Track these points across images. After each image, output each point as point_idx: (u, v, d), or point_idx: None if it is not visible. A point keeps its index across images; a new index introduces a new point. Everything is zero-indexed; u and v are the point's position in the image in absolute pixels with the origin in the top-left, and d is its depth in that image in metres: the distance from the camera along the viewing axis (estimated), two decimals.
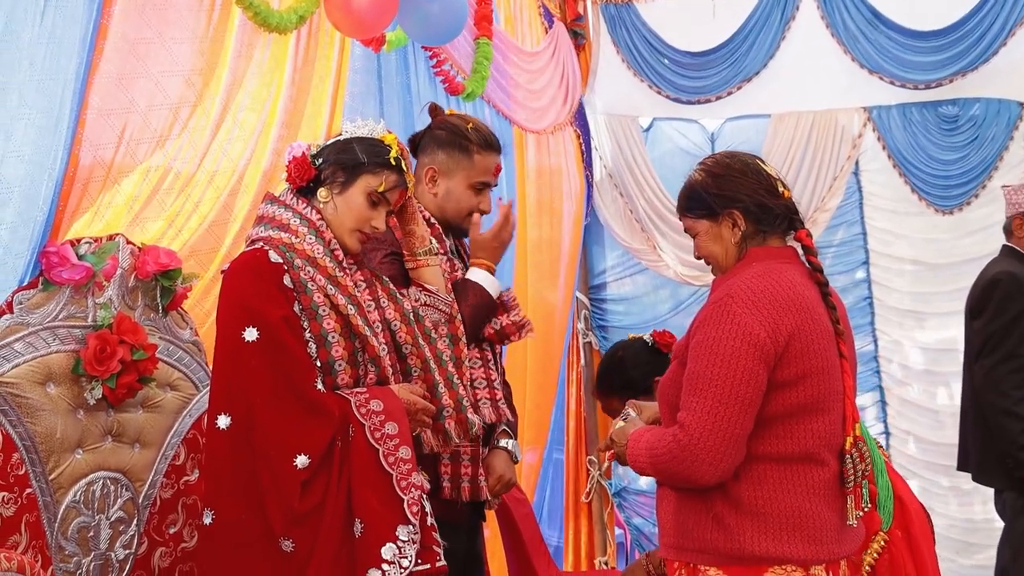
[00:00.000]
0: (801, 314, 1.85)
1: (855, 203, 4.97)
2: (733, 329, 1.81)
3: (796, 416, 1.84)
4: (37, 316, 2.03)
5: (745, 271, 1.91)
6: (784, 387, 1.83)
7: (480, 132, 2.42)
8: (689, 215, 2.02)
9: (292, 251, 2.00)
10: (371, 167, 2.05)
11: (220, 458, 1.94)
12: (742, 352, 1.79)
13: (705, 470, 1.80)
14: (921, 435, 4.85)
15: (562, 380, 4.91)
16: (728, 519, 1.82)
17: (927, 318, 4.91)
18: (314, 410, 1.92)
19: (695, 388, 1.82)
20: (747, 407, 1.80)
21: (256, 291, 1.94)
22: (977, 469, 3.57)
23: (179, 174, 2.42)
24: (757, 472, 1.83)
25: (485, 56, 3.76)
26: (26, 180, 1.98)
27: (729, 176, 1.97)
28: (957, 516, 4.77)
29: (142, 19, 2.27)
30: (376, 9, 2.66)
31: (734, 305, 1.83)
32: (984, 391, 3.38)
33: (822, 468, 1.86)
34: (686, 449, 1.80)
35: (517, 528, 3.54)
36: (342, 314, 2.00)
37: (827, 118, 4.90)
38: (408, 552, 1.86)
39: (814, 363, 1.85)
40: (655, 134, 5.18)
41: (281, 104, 2.75)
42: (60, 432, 2.04)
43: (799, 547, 1.81)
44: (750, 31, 4.90)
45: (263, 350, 1.91)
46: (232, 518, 1.90)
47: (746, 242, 1.96)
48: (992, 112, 4.69)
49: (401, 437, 1.94)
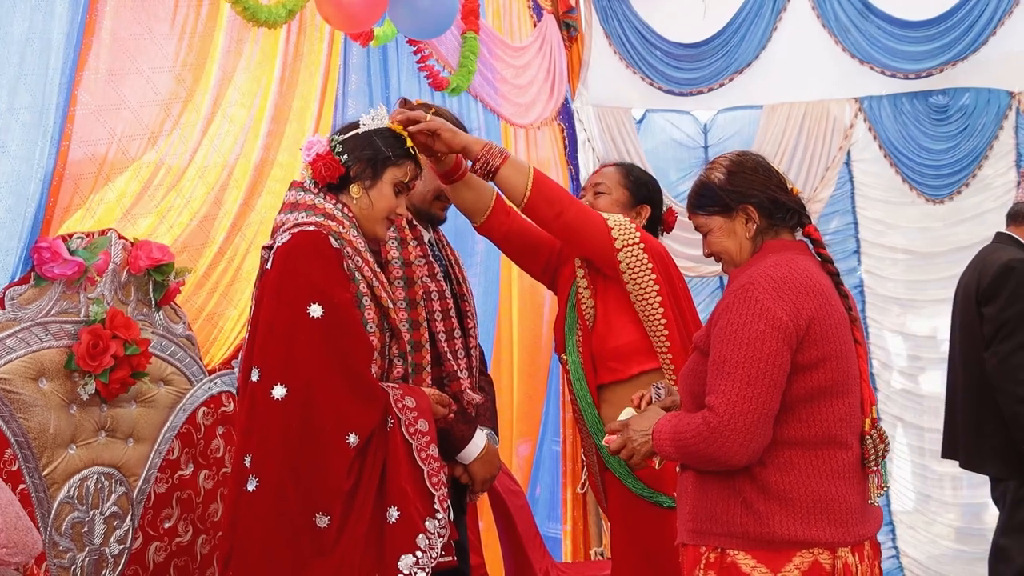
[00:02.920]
0: (819, 299, 1.91)
1: (847, 193, 4.99)
2: (756, 313, 1.86)
3: (818, 399, 1.89)
4: (29, 312, 2.03)
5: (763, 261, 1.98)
6: (806, 370, 1.88)
7: (442, 116, 2.44)
8: (701, 213, 2.08)
9: (342, 239, 2.04)
10: (396, 160, 2.12)
11: (272, 427, 1.93)
12: (766, 335, 1.84)
13: (736, 450, 1.84)
14: (911, 421, 4.88)
15: (557, 371, 4.92)
16: (757, 504, 1.86)
17: (918, 306, 4.93)
18: (368, 393, 1.97)
19: (722, 371, 1.87)
20: (774, 387, 1.85)
21: (324, 270, 1.98)
22: (968, 456, 3.56)
23: (170, 169, 2.43)
24: (783, 457, 1.88)
25: (471, 50, 3.75)
26: (14, 176, 1.98)
27: (742, 173, 2.05)
28: (951, 501, 4.80)
29: (131, 15, 2.27)
30: (367, 3, 2.66)
31: (755, 291, 1.89)
32: (999, 378, 3.30)
33: (845, 451, 1.91)
34: (716, 431, 1.84)
35: (512, 519, 3.56)
36: (382, 306, 2.06)
37: (819, 109, 4.91)
38: (436, 543, 1.96)
39: (833, 347, 1.90)
40: (648, 126, 5.19)
41: (271, 99, 2.76)
42: (53, 428, 2.04)
43: (826, 530, 1.85)
44: (742, 23, 4.91)
45: (328, 328, 1.94)
46: (277, 487, 1.92)
47: (760, 236, 2.03)
48: (982, 101, 4.70)
49: (431, 435, 2.03)
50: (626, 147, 5.08)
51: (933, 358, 4.85)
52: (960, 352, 3.58)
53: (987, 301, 3.40)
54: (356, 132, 2.13)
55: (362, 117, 2.17)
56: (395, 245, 2.31)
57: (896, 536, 4.94)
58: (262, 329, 1.99)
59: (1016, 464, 3.35)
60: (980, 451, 3.48)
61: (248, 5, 2.47)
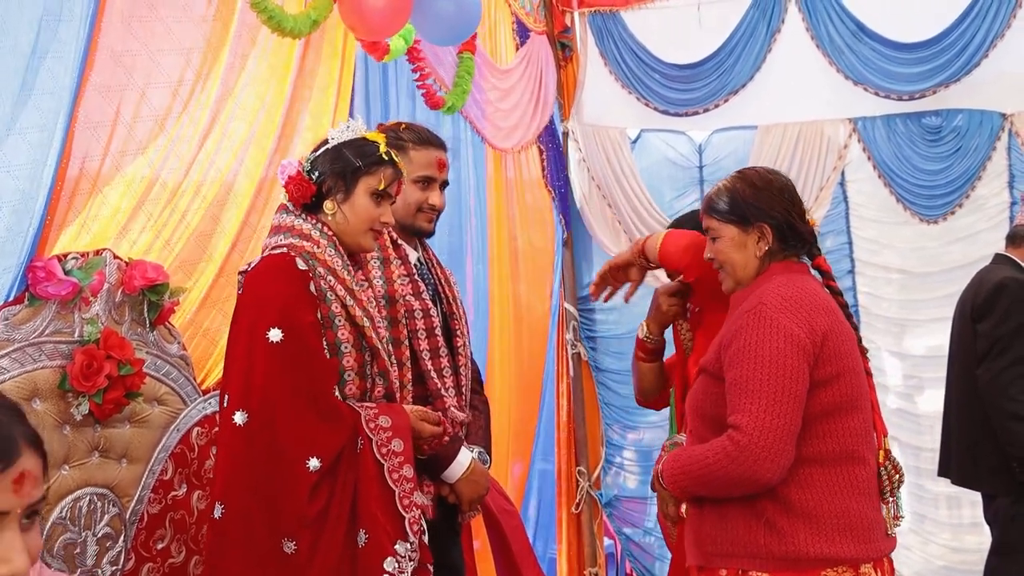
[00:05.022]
0: (830, 315, 1.93)
1: (841, 213, 5.00)
2: (773, 332, 1.86)
3: (835, 414, 1.89)
4: (23, 332, 2.02)
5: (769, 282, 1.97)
6: (822, 385, 1.88)
7: (413, 130, 2.49)
8: (717, 217, 2.06)
9: (315, 259, 2.03)
10: (367, 168, 2.09)
11: (234, 454, 1.95)
12: (786, 352, 1.84)
13: (766, 467, 1.82)
14: (907, 441, 4.88)
15: (551, 392, 4.91)
16: (780, 523, 1.84)
17: (913, 326, 4.93)
18: (330, 416, 1.95)
19: (745, 391, 1.85)
20: (798, 403, 1.85)
21: (285, 294, 1.97)
22: (962, 473, 3.57)
23: (165, 184, 2.42)
24: (804, 474, 1.87)
25: (467, 71, 3.76)
26: (17, 195, 1.97)
27: (769, 191, 2.05)
28: (945, 521, 4.79)
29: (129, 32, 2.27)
30: (390, 11, 2.66)
31: (769, 310, 1.88)
32: (991, 394, 3.33)
33: (863, 466, 1.91)
34: (746, 449, 1.82)
35: (506, 540, 3.54)
36: (357, 325, 2.04)
37: (813, 129, 4.93)
38: (406, 567, 1.92)
39: (846, 362, 1.91)
40: (643, 145, 5.20)
41: (281, 114, 2.75)
42: (46, 448, 2.02)
43: (850, 547, 1.85)
44: (736, 44, 4.93)
45: (287, 352, 1.93)
46: (242, 513, 1.92)
47: (768, 258, 2.01)
48: (975, 123, 4.72)
49: (405, 455, 2.00)
50: (621, 167, 5.09)
51: (929, 377, 4.85)
52: (955, 369, 3.60)
53: (981, 318, 3.43)
54: (325, 147, 2.12)
55: (330, 131, 2.16)
56: (377, 264, 2.30)
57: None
58: (227, 355, 2.02)
59: (1009, 481, 3.36)
60: (974, 468, 3.49)
61: (274, 14, 2.47)
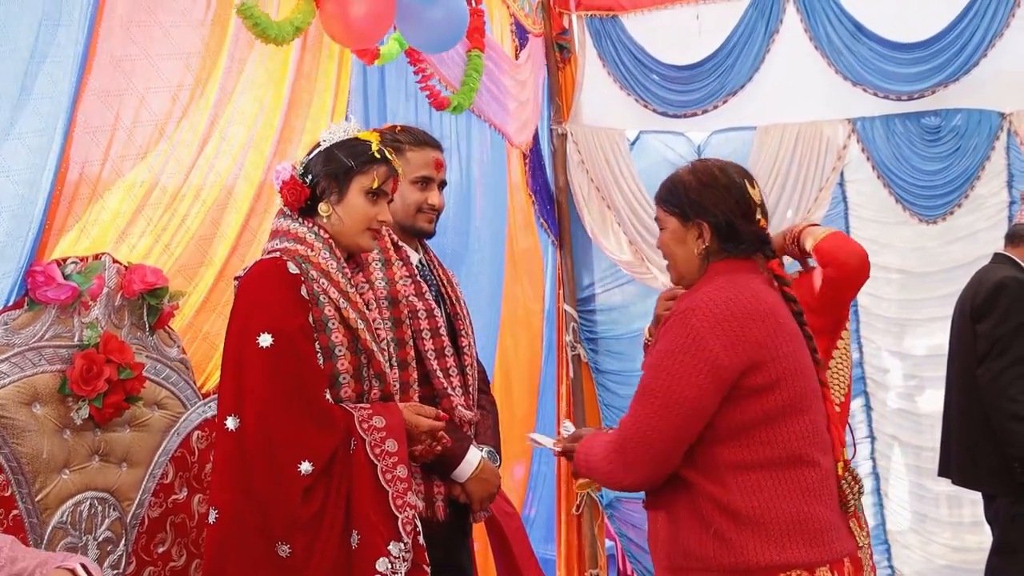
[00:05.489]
0: (766, 320, 1.87)
1: (840, 213, 5.00)
2: (690, 344, 1.83)
3: (777, 419, 1.85)
4: (23, 336, 2.02)
5: (707, 285, 1.93)
6: (761, 392, 1.84)
7: (409, 131, 2.49)
8: (663, 207, 2.04)
9: (308, 263, 2.03)
10: (360, 168, 2.09)
11: (227, 459, 1.96)
12: (693, 366, 1.81)
13: (624, 475, 1.87)
14: (907, 440, 4.88)
15: (552, 393, 4.91)
16: (729, 533, 1.82)
17: (913, 325, 4.93)
18: (321, 419, 1.95)
19: (641, 394, 1.87)
20: (689, 423, 1.83)
21: (275, 299, 1.98)
22: (962, 473, 3.56)
23: (165, 189, 2.42)
24: (750, 481, 1.84)
25: (476, 69, 3.74)
26: (16, 200, 1.97)
27: (712, 187, 1.98)
28: (946, 520, 4.79)
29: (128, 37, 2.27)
30: (372, 18, 2.66)
31: (693, 318, 1.85)
32: (991, 395, 3.33)
33: (813, 468, 1.87)
34: (618, 448, 1.86)
35: (507, 542, 3.53)
36: (351, 328, 2.04)
37: (812, 130, 4.93)
38: (399, 568, 1.91)
39: (786, 365, 1.86)
40: (642, 147, 5.20)
41: (279, 117, 2.75)
42: (46, 452, 2.03)
43: (802, 551, 1.81)
44: (735, 45, 4.93)
45: (276, 357, 1.93)
46: (236, 518, 1.92)
47: (709, 257, 1.97)
48: (974, 122, 4.72)
49: (399, 455, 2.00)
50: (620, 168, 5.10)
51: (929, 377, 4.85)
52: (955, 369, 3.60)
53: (981, 318, 3.43)
54: (318, 150, 2.12)
55: (322, 133, 2.17)
56: (379, 266, 2.30)
57: (891, 555, 4.92)
58: (222, 361, 2.03)
59: (1009, 482, 3.36)
60: (974, 469, 3.49)
61: (259, 21, 2.47)
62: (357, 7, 2.61)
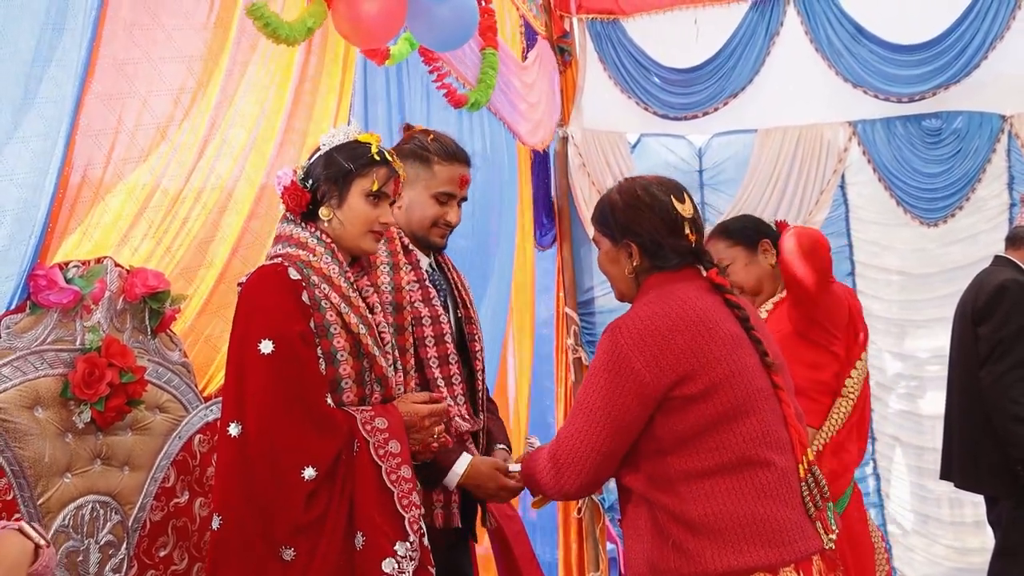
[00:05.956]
0: (694, 329, 1.86)
1: (841, 215, 5.01)
2: (614, 359, 1.87)
3: (720, 425, 1.84)
4: (25, 340, 2.02)
5: (638, 301, 1.98)
6: (698, 400, 1.84)
7: (440, 143, 2.40)
8: (597, 229, 2.08)
9: (309, 268, 2.03)
10: (359, 170, 2.08)
11: (230, 465, 1.96)
12: (617, 383, 1.85)
13: (554, 479, 1.92)
14: (908, 441, 4.88)
15: (551, 396, 4.91)
16: (687, 543, 1.81)
17: (914, 326, 4.94)
18: (323, 424, 1.95)
19: (575, 408, 1.93)
20: (618, 436, 1.87)
21: (275, 305, 1.97)
22: (964, 476, 3.56)
23: (166, 191, 2.42)
24: (703, 489, 1.82)
25: (491, 66, 3.71)
26: (20, 204, 1.97)
27: (636, 207, 1.99)
28: (948, 521, 4.79)
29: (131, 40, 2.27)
30: (383, 18, 2.65)
31: (618, 335, 1.88)
32: (993, 397, 3.35)
33: (767, 469, 1.84)
34: (552, 458, 1.92)
35: (509, 545, 3.53)
36: (352, 333, 2.03)
37: (813, 132, 4.94)
38: (406, 568, 1.91)
39: (721, 370, 1.85)
40: (642, 149, 5.21)
41: (281, 120, 2.75)
42: (49, 456, 2.02)
43: (762, 553, 1.79)
44: (735, 47, 4.94)
45: (277, 363, 1.93)
46: (239, 524, 1.92)
47: (640, 275, 2.00)
48: (975, 125, 4.73)
49: (403, 456, 2.00)
50: (621, 171, 5.10)
51: (929, 378, 4.86)
52: (956, 372, 3.61)
53: (982, 321, 3.44)
54: (318, 154, 2.12)
55: (322, 137, 2.16)
56: (387, 270, 2.29)
57: (893, 556, 4.92)
58: (226, 367, 2.02)
59: (1011, 484, 3.36)
60: (976, 471, 3.50)
61: (270, 21, 2.46)
62: (369, 6, 2.60)
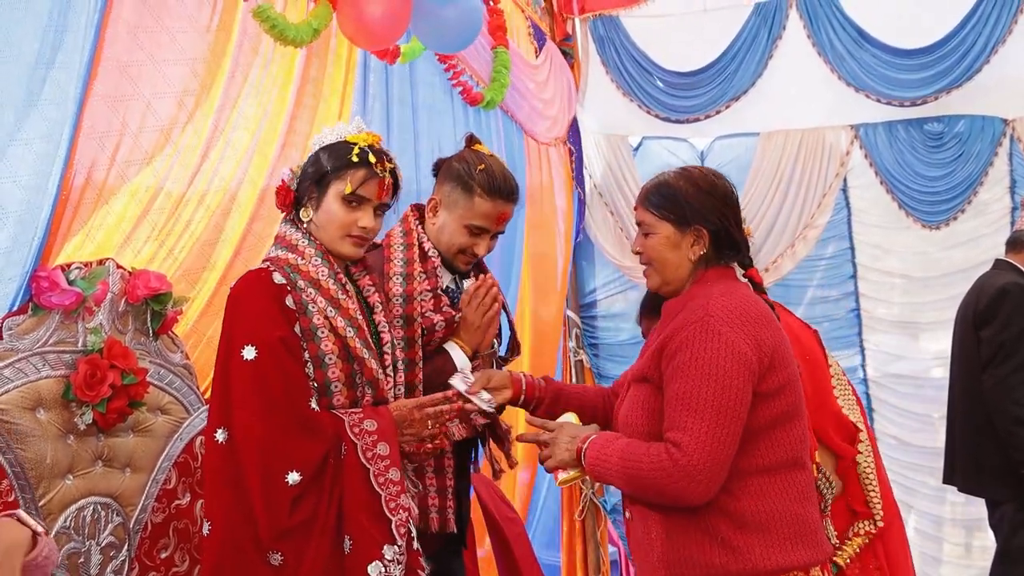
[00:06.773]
0: (772, 325, 1.90)
1: (843, 219, 5.01)
2: (722, 348, 1.81)
3: (781, 424, 1.87)
4: (27, 342, 2.02)
5: (709, 291, 1.92)
6: (770, 397, 1.85)
7: (489, 175, 2.28)
8: (653, 211, 1.99)
9: (296, 272, 2.02)
10: (335, 172, 2.05)
11: (217, 471, 1.96)
12: (734, 371, 1.80)
13: (698, 491, 1.79)
14: (908, 440, 4.89)
15: None
16: (735, 540, 1.81)
17: (915, 329, 4.95)
18: (308, 428, 1.94)
19: (688, 408, 1.81)
20: (739, 425, 1.82)
21: (258, 311, 1.96)
22: (966, 479, 3.56)
23: (169, 194, 2.42)
24: (755, 486, 1.84)
25: (503, 64, 3.71)
26: (23, 205, 1.97)
27: (712, 194, 1.97)
28: (946, 517, 4.79)
29: (135, 42, 2.28)
30: (389, 19, 2.65)
31: (717, 323, 1.83)
32: (996, 400, 3.35)
33: (804, 471, 1.90)
34: (683, 469, 1.78)
35: (510, 547, 3.54)
36: (340, 336, 2.02)
37: (815, 136, 4.95)
38: (394, 571, 1.90)
39: (790, 371, 1.89)
40: (645, 152, 5.22)
41: (283, 122, 2.75)
42: (50, 458, 2.03)
43: (802, 552, 1.83)
44: (738, 51, 4.95)
45: (260, 369, 1.93)
46: (228, 529, 1.92)
47: (702, 263, 1.97)
48: (976, 128, 4.74)
49: (392, 458, 1.98)
50: (623, 174, 5.11)
51: (930, 379, 4.87)
52: (958, 376, 3.61)
53: (984, 324, 3.44)
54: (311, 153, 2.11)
55: (315, 136, 2.15)
56: (399, 281, 2.26)
57: None
58: (213, 373, 2.02)
59: (1014, 487, 3.36)
60: (978, 474, 3.49)
61: (276, 23, 2.46)
62: (374, 7, 2.60)
